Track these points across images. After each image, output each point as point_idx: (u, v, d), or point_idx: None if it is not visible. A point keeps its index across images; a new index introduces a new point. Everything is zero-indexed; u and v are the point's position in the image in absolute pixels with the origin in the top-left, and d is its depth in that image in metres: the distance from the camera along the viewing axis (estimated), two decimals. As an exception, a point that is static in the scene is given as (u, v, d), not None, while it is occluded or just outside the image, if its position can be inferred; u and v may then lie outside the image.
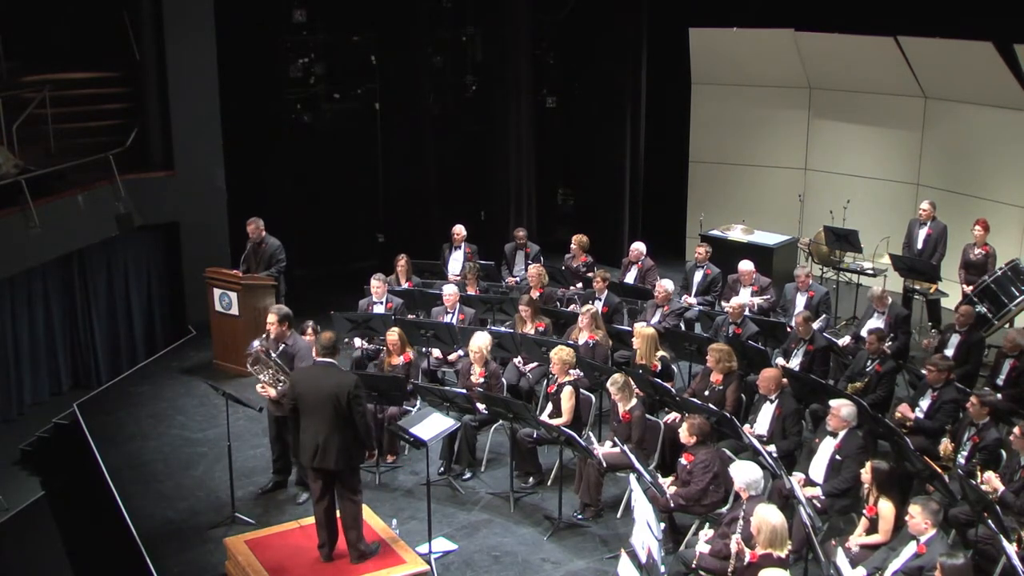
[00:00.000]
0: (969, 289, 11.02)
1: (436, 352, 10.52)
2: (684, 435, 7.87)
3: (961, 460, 8.05)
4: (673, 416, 8.96)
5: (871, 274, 12.33)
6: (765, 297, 11.12)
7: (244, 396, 8.53)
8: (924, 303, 11.94)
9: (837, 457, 7.78)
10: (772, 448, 8.20)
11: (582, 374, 9.26)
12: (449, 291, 10.72)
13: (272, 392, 8.31)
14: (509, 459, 8.86)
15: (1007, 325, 10.76)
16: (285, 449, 8.71)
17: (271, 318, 8.55)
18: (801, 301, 10.79)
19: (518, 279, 12.46)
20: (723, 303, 11.14)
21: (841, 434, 7.81)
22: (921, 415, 8.70)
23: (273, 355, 8.35)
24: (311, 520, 7.92)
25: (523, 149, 14.78)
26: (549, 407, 9.05)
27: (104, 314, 12.06)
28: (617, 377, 8.53)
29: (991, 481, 7.44)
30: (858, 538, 7.21)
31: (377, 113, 14.65)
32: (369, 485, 8.67)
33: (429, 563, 7.63)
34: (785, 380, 8.79)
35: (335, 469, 7.29)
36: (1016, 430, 7.55)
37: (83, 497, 9.67)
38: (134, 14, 12.31)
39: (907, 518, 6.66)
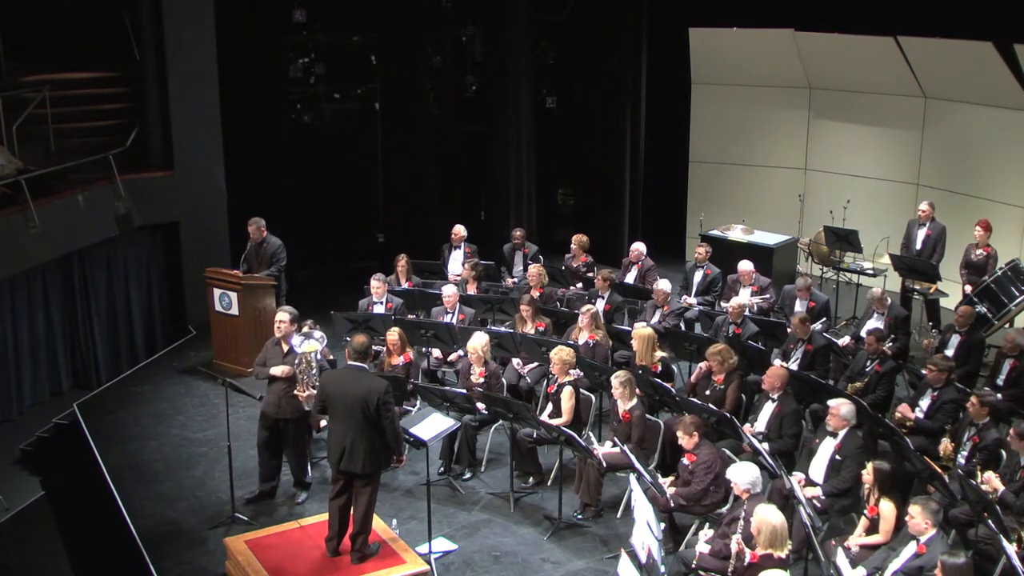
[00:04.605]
0: (969, 289, 11.03)
1: (436, 352, 10.52)
2: (684, 440, 7.84)
3: (961, 460, 8.05)
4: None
5: (871, 274, 12.33)
6: (764, 297, 11.12)
7: (242, 384, 8.59)
8: (923, 303, 11.94)
9: (837, 457, 7.78)
10: (770, 447, 8.19)
11: (582, 374, 9.27)
12: (449, 291, 10.72)
13: (313, 392, 8.15)
14: (509, 459, 8.87)
15: (1007, 325, 10.76)
16: (273, 459, 8.67)
17: (283, 316, 8.47)
18: (801, 309, 10.76)
19: (517, 279, 12.46)
20: (723, 303, 11.15)
21: (841, 434, 7.81)
22: (921, 415, 8.70)
23: (316, 356, 8.33)
24: (311, 520, 7.96)
25: (523, 149, 14.78)
26: (549, 407, 9.04)
27: (104, 314, 12.05)
28: (621, 373, 8.54)
29: (991, 481, 7.44)
30: (858, 538, 7.21)
31: (377, 113, 14.66)
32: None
33: (429, 563, 7.63)
34: (785, 380, 8.79)
35: (361, 473, 7.31)
36: (1012, 431, 7.55)
37: (83, 497, 9.66)
38: (134, 14, 12.31)
39: (907, 518, 6.66)
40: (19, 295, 11.02)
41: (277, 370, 8.33)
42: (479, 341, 9.24)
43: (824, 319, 10.84)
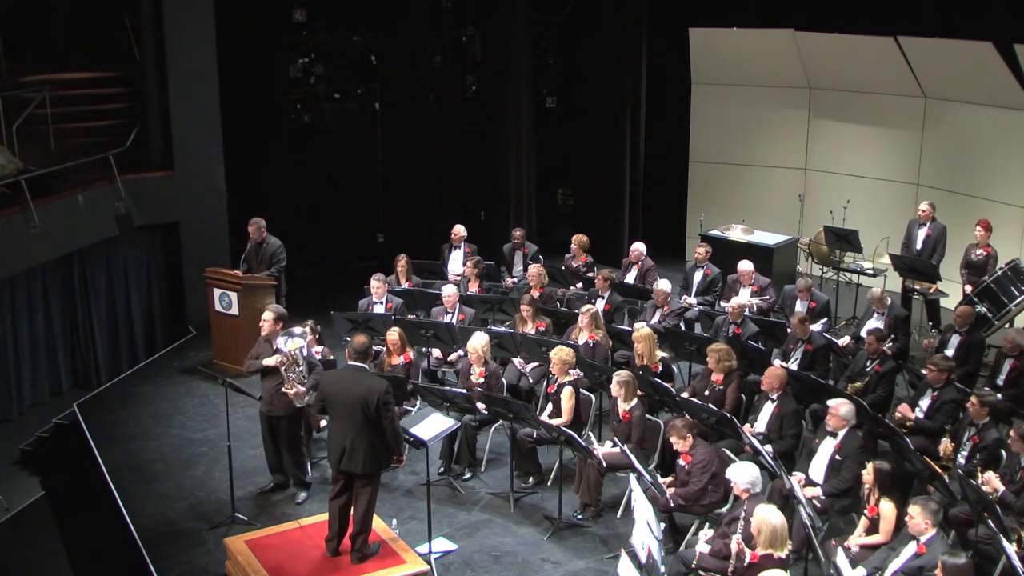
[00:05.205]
0: (969, 289, 11.03)
1: (436, 352, 10.52)
2: (677, 444, 7.84)
3: (961, 460, 8.05)
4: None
5: (871, 274, 12.32)
6: (764, 298, 11.12)
7: (242, 384, 8.60)
8: (924, 303, 11.95)
9: (837, 457, 7.78)
10: (770, 447, 8.20)
11: (582, 374, 9.26)
12: (449, 291, 10.72)
13: (301, 389, 8.29)
14: (509, 459, 8.87)
15: (1007, 325, 10.76)
16: (277, 454, 8.76)
17: (267, 315, 8.63)
18: (802, 309, 10.75)
19: (516, 279, 12.46)
20: (723, 303, 11.14)
21: (841, 434, 7.81)
22: (921, 415, 8.70)
23: (302, 352, 8.40)
24: (311, 520, 7.96)
25: (523, 149, 14.78)
26: (549, 407, 9.05)
27: (104, 314, 12.06)
28: (622, 373, 8.54)
29: (991, 481, 7.44)
30: (858, 538, 7.20)
31: (377, 113, 14.66)
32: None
33: (429, 563, 7.63)
34: (785, 380, 8.79)
35: (361, 473, 7.31)
36: (1012, 432, 7.55)
37: (83, 497, 9.67)
38: (134, 14, 12.31)
39: (907, 518, 6.66)
40: (19, 295, 11.02)
41: (270, 360, 8.39)
42: (479, 341, 9.24)
43: (825, 319, 10.83)
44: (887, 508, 7.05)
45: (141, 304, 12.49)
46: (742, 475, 7.02)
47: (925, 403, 8.73)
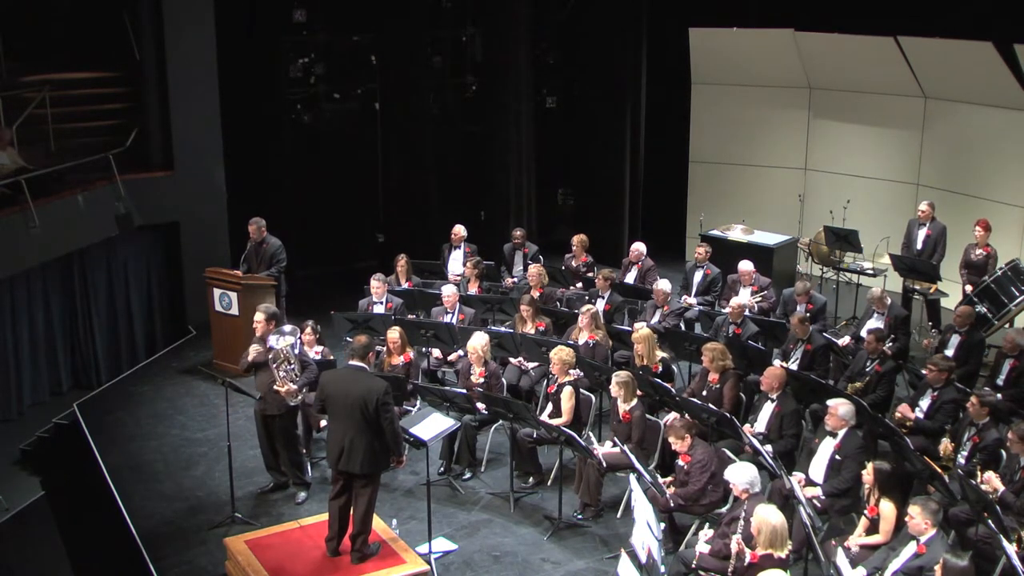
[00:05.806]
0: (969, 289, 11.03)
1: (436, 352, 10.52)
2: (675, 444, 7.84)
3: (961, 460, 8.05)
4: (675, 416, 8.95)
5: (871, 274, 12.33)
6: (763, 295, 11.12)
7: (242, 384, 8.61)
8: (924, 303, 11.95)
9: (837, 457, 7.78)
10: (770, 447, 8.20)
11: (582, 374, 9.26)
12: (449, 291, 10.72)
13: (292, 387, 8.32)
14: (509, 459, 8.87)
15: (1007, 325, 10.76)
16: (273, 453, 8.77)
17: (259, 316, 8.63)
18: (802, 311, 10.74)
19: (516, 279, 12.46)
20: (723, 303, 11.14)
21: (841, 434, 7.81)
22: (921, 415, 8.70)
23: (293, 350, 8.42)
24: (311, 520, 7.96)
25: (523, 149, 14.77)
26: (549, 407, 9.05)
27: (104, 314, 12.06)
28: (622, 374, 8.54)
29: (991, 481, 7.44)
30: (858, 538, 7.20)
31: (377, 113, 14.66)
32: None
33: (429, 563, 7.64)
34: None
35: (360, 473, 7.31)
36: (1011, 434, 7.55)
37: (83, 497, 9.67)
38: (134, 14, 12.31)
39: (907, 518, 6.66)
40: (19, 295, 11.02)
41: (252, 350, 8.43)
42: (479, 341, 9.24)
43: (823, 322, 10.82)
44: (887, 508, 7.05)
45: (141, 304, 12.49)
46: (740, 476, 7.01)
47: (925, 403, 8.74)
